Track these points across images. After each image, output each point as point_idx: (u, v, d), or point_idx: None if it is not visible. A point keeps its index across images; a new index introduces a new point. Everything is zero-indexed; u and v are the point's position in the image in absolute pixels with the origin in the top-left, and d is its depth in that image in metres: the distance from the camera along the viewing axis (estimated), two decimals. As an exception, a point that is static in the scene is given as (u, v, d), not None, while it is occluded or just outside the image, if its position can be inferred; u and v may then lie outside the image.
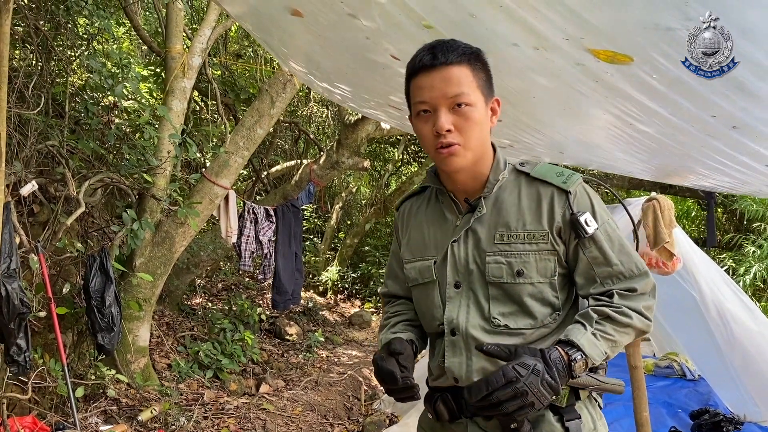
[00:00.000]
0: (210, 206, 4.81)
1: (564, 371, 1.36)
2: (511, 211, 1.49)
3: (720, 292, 3.65)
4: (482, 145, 1.48)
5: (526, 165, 1.53)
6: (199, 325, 5.83)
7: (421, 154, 11.57)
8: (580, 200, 1.46)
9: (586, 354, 1.37)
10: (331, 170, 6.62)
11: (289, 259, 6.10)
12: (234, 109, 7.07)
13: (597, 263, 1.46)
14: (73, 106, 4.43)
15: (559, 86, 1.87)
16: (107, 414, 3.88)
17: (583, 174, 1.59)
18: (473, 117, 1.42)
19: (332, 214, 11.04)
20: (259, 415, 4.51)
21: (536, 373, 1.32)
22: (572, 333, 1.40)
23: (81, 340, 4.13)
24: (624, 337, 1.44)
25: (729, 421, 4.00)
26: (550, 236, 1.46)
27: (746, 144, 1.91)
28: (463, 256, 1.53)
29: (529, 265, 1.46)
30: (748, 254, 8.32)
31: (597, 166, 3.37)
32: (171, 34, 4.70)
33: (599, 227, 1.45)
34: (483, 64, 1.47)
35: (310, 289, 9.70)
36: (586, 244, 1.45)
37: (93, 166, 4.27)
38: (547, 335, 1.48)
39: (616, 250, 1.46)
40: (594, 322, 1.41)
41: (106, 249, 3.87)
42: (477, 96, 1.43)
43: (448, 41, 1.46)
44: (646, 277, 1.47)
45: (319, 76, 3.01)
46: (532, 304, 1.47)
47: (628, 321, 1.42)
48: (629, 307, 1.43)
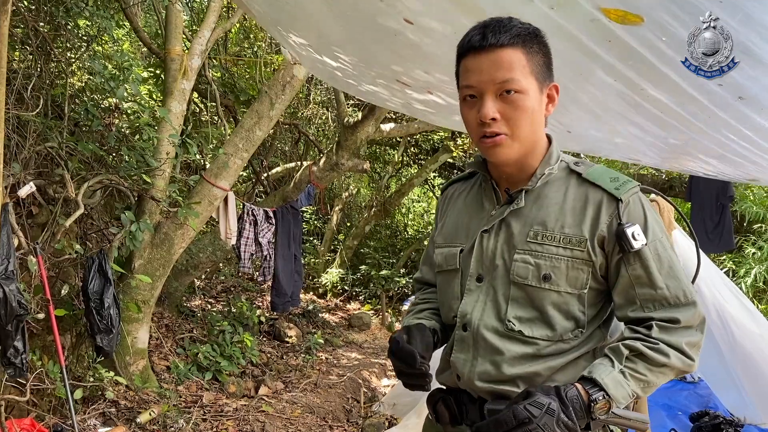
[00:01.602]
0: (209, 208, 4.80)
1: (582, 412, 1.23)
2: (551, 210, 1.36)
3: (720, 294, 3.63)
4: (533, 135, 1.36)
5: (581, 165, 1.40)
6: (198, 327, 5.83)
7: (420, 156, 11.57)
8: (632, 211, 1.32)
9: (609, 395, 1.24)
10: (330, 172, 6.62)
11: (289, 261, 6.09)
12: (234, 111, 7.07)
13: (640, 283, 1.31)
14: (73, 107, 4.43)
15: (572, 50, 1.83)
16: (106, 416, 3.88)
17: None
18: (523, 105, 1.30)
19: (332, 216, 11.03)
20: (258, 417, 4.50)
21: (551, 413, 1.20)
22: (597, 370, 1.27)
23: (79, 341, 4.12)
24: (659, 377, 1.30)
25: (729, 423, 3.99)
26: (588, 244, 1.32)
27: (752, 117, 1.84)
28: (491, 248, 1.42)
29: (559, 271, 1.34)
30: (748, 256, 8.31)
31: (605, 152, 3.33)
32: (170, 35, 4.70)
33: (648, 243, 1.30)
34: (542, 46, 1.34)
35: (310, 291, 9.70)
36: (630, 260, 1.31)
37: (92, 168, 4.27)
38: (564, 351, 1.35)
39: (664, 272, 1.31)
40: (624, 359, 1.28)
41: (104, 251, 3.87)
42: (530, 82, 1.31)
43: (503, 20, 1.33)
44: (692, 308, 1.31)
45: (319, 49, 2.99)
46: (554, 314, 1.35)
47: (665, 360, 1.27)
48: (668, 343, 1.28)
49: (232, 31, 7.57)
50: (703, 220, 6.03)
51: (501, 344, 1.37)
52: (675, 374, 1.33)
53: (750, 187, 8.69)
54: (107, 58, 4.97)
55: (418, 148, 11.56)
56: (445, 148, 9.87)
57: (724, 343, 3.48)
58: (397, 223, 12.69)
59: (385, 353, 7.25)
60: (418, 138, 10.93)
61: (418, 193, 13.76)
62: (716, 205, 5.85)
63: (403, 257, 11.13)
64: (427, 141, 11.04)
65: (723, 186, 5.82)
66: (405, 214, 13.05)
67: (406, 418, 4.26)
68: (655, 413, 3.61)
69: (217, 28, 4.98)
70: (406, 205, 13.07)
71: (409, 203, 13.26)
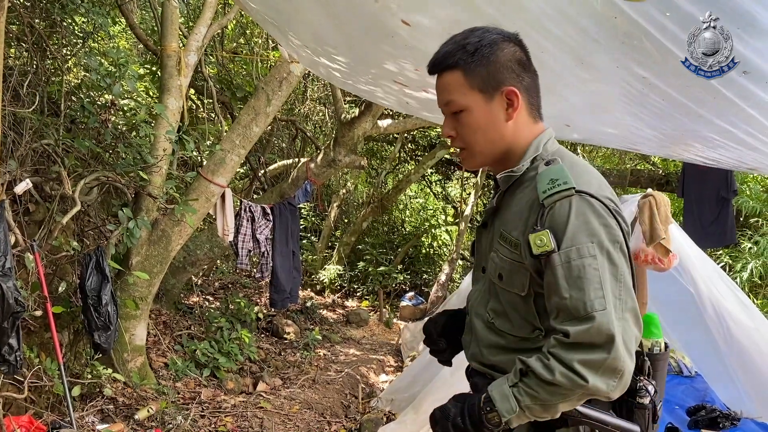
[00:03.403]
0: (206, 205, 4.80)
1: (476, 420, 1.32)
2: (513, 211, 1.41)
3: (717, 289, 3.65)
4: (492, 144, 1.42)
5: (550, 163, 1.38)
6: (196, 324, 5.83)
7: (417, 153, 11.57)
8: (555, 216, 1.29)
9: (496, 408, 1.29)
10: (328, 168, 6.62)
11: (287, 258, 6.09)
12: (230, 108, 7.06)
13: (550, 290, 1.29)
14: (69, 104, 4.41)
15: (574, 34, 1.83)
16: (104, 413, 3.88)
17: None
18: (468, 122, 1.41)
19: (329, 213, 11.03)
20: (257, 413, 4.51)
21: (446, 417, 1.38)
22: (494, 383, 1.35)
23: (77, 339, 4.12)
24: (555, 396, 1.25)
25: (726, 417, 4.00)
26: (522, 248, 1.34)
27: (756, 93, 1.79)
28: (484, 244, 1.54)
29: (506, 272, 1.39)
30: (745, 251, 8.33)
31: (602, 141, 3.33)
32: (166, 31, 4.69)
33: (561, 250, 1.26)
34: (483, 57, 1.38)
35: (308, 288, 9.70)
36: (545, 265, 1.29)
37: (89, 165, 4.26)
38: (531, 349, 1.36)
39: (571, 282, 1.25)
40: (518, 373, 1.30)
41: (102, 247, 3.86)
42: (472, 98, 1.39)
43: (444, 46, 1.43)
44: (589, 323, 1.22)
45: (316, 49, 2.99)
46: (510, 311, 1.41)
47: (549, 377, 1.23)
48: (557, 357, 1.24)
49: (228, 27, 7.56)
50: (699, 214, 6.01)
51: (483, 332, 1.49)
52: (576, 395, 1.25)
53: (747, 181, 8.72)
54: (103, 55, 4.95)
55: (415, 144, 11.55)
56: (442, 144, 9.86)
57: (720, 337, 3.51)
58: (395, 219, 12.69)
59: (383, 349, 7.26)
60: (415, 134, 10.93)
61: (415, 190, 13.76)
62: (717, 199, 5.82)
63: (401, 253, 11.13)
64: (424, 137, 11.04)
65: (725, 180, 5.79)
66: (402, 211, 13.04)
67: (403, 413, 4.27)
68: (652, 407, 3.63)
69: (213, 24, 4.97)
70: (404, 202, 13.06)
71: (406, 199, 13.25)
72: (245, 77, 7.34)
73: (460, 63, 1.38)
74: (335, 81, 3.74)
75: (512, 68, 1.40)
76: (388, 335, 8.18)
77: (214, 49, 7.24)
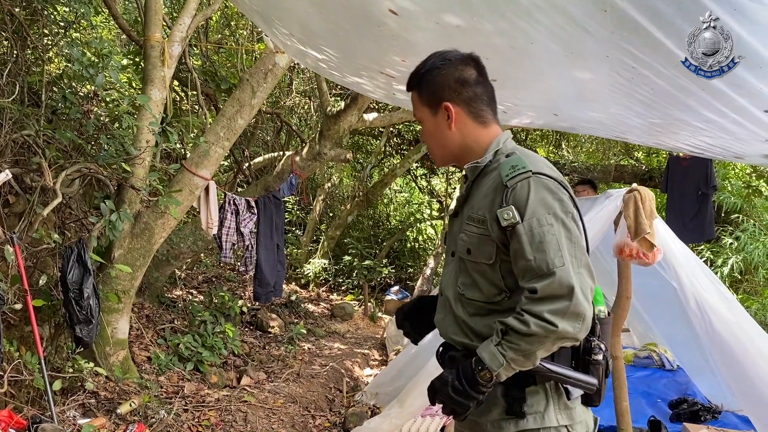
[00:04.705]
0: (190, 197, 4.75)
1: (471, 380, 1.54)
2: (478, 196, 1.68)
3: (699, 283, 3.67)
4: (443, 148, 1.79)
5: (510, 155, 1.65)
6: (179, 318, 5.78)
7: (403, 147, 11.56)
8: (517, 194, 1.54)
9: (486, 365, 1.52)
10: (313, 162, 6.58)
11: (271, 251, 6.06)
12: (215, 100, 7.00)
13: (517, 255, 1.54)
14: (50, 95, 4.34)
15: (563, 24, 1.83)
16: (85, 407, 3.84)
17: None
18: (424, 130, 1.81)
19: (314, 206, 10.99)
20: (241, 407, 4.48)
21: (445, 384, 1.59)
22: (481, 345, 1.57)
23: (58, 332, 4.07)
24: (535, 345, 1.48)
25: (707, 410, 4.05)
26: (488, 224, 1.60)
27: (749, 82, 1.76)
28: (455, 229, 1.78)
29: (475, 245, 1.65)
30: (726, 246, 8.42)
31: (590, 129, 3.33)
32: (150, 22, 4.62)
33: (524, 221, 1.51)
34: (426, 80, 1.74)
35: (293, 282, 9.67)
36: (511, 236, 1.54)
37: (70, 157, 4.20)
38: (498, 312, 1.62)
39: (534, 246, 1.49)
40: (500, 333, 1.52)
41: (84, 240, 3.81)
42: (423, 113, 1.78)
43: (414, 69, 1.78)
44: (551, 278, 1.47)
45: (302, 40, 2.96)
46: (479, 280, 1.66)
47: (526, 329, 1.46)
48: (530, 312, 1.47)
49: (213, 18, 7.48)
50: (681, 209, 6.07)
51: (455, 305, 1.73)
52: (551, 340, 1.48)
53: (728, 177, 8.80)
54: (86, 45, 4.87)
55: (401, 139, 11.54)
56: (427, 138, 9.83)
57: (702, 331, 3.53)
58: (380, 213, 12.68)
59: (367, 343, 7.26)
60: (400, 128, 10.91)
61: (400, 184, 13.75)
62: (697, 195, 5.88)
63: (386, 247, 11.13)
64: (409, 131, 11.03)
65: (705, 175, 5.86)
66: (387, 205, 13.04)
67: (388, 407, 4.27)
68: (634, 401, 3.65)
69: (197, 15, 4.90)
70: (389, 196, 13.06)
71: (391, 193, 13.25)
72: (230, 69, 7.27)
73: (414, 86, 1.78)
74: (323, 72, 3.71)
75: (451, 86, 1.72)
76: (373, 329, 8.18)
77: (198, 40, 7.16)
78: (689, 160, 5.83)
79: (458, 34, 2.11)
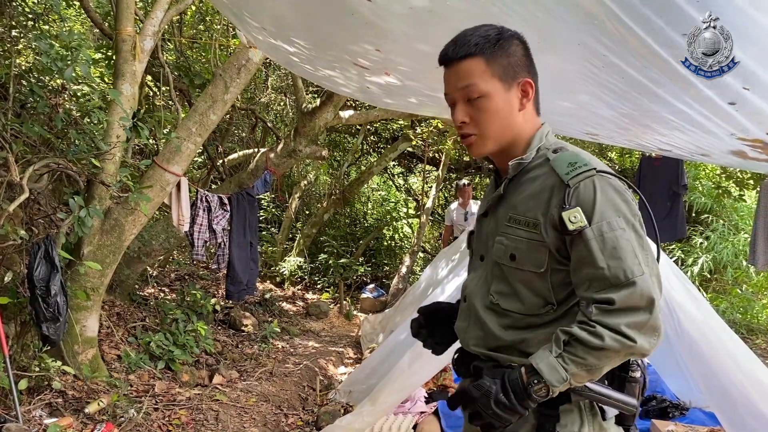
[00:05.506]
0: (161, 194, 4.69)
1: (522, 393, 1.36)
2: (524, 196, 1.50)
3: (668, 282, 3.72)
4: (505, 131, 1.51)
5: (559, 152, 1.49)
6: (150, 316, 5.71)
7: (380, 145, 11.56)
8: (581, 195, 1.38)
9: (544, 379, 1.34)
10: (288, 159, 6.55)
11: (244, 249, 6.01)
12: (188, 95, 6.92)
13: (583, 263, 1.38)
14: (18, 88, 4.25)
15: (535, 11, 1.82)
16: (52, 407, 3.77)
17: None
18: (487, 108, 1.47)
19: (290, 204, 10.93)
20: (212, 406, 4.44)
21: (487, 395, 1.38)
22: (536, 355, 1.39)
23: (25, 330, 3.99)
24: (603, 359, 1.34)
25: (675, 407, 4.12)
26: (541, 227, 1.43)
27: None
28: (486, 231, 1.62)
29: (521, 251, 1.47)
30: (696, 245, 8.56)
31: (560, 123, 3.32)
32: (122, 15, 4.55)
33: (593, 225, 1.35)
34: (503, 49, 1.47)
35: (268, 280, 9.61)
36: (575, 241, 1.38)
37: (38, 151, 4.12)
38: (538, 325, 1.47)
39: (607, 253, 1.34)
40: (562, 344, 1.36)
41: (51, 237, 3.74)
42: (492, 85, 1.46)
43: (466, 33, 1.49)
44: (631, 288, 1.32)
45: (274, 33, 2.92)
46: (521, 290, 1.49)
47: (599, 343, 1.31)
48: (605, 324, 1.32)
49: (187, 13, 7.40)
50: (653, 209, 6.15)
51: (485, 315, 1.56)
52: (622, 356, 1.35)
53: (699, 178, 8.95)
54: (55, 38, 4.78)
55: (378, 137, 11.54)
56: (404, 136, 9.86)
57: (670, 329, 3.57)
58: (357, 211, 12.66)
59: (342, 341, 7.24)
60: (377, 126, 10.91)
61: (377, 182, 13.75)
62: (669, 194, 5.97)
63: (362, 246, 11.11)
64: (386, 129, 11.03)
65: (675, 174, 5.96)
66: (364, 203, 13.02)
67: (360, 405, 4.26)
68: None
69: (170, 9, 4.84)
70: (366, 194, 13.04)
71: (368, 192, 13.23)
72: (204, 64, 7.20)
73: (484, 51, 1.46)
74: (294, 68, 3.68)
75: (525, 62, 1.51)
76: (348, 327, 8.16)
77: (172, 35, 7.08)
78: (661, 160, 5.91)
79: (430, 18, 2.08)
